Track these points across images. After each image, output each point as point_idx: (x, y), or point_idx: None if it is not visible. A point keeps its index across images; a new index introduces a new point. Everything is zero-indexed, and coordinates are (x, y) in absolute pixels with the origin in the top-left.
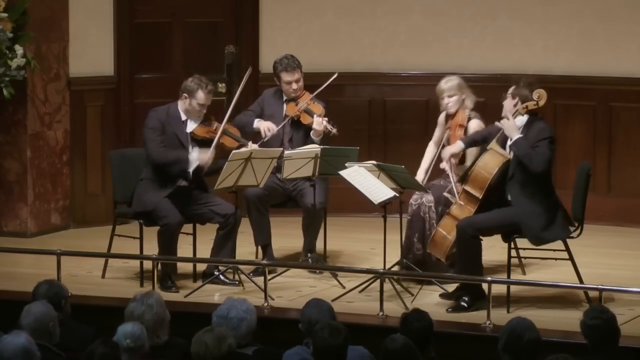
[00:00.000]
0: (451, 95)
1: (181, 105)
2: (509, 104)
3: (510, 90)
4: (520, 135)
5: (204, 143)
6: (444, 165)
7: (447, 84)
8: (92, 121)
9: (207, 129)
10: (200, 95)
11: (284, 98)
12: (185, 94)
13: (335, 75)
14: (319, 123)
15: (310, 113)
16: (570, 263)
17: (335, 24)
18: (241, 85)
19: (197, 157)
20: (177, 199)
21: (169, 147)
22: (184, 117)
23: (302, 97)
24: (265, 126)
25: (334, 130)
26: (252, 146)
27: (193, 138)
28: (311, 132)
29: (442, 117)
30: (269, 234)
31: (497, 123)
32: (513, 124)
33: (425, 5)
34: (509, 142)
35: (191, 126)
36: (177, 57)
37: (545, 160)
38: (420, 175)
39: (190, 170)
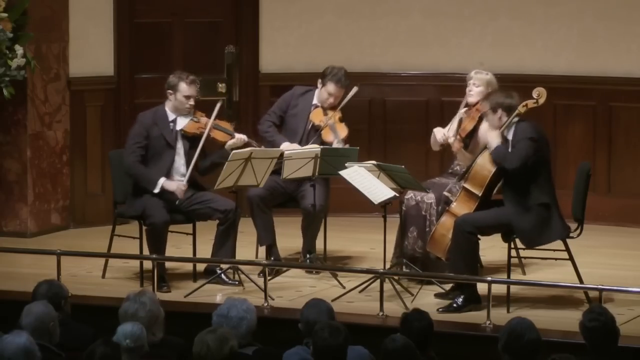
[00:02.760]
0: (477, 85)
1: (169, 104)
2: (493, 119)
3: (487, 106)
4: (499, 143)
5: (195, 139)
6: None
7: (478, 74)
8: (92, 121)
9: (197, 125)
10: (183, 86)
11: (314, 101)
12: (169, 91)
13: (355, 89)
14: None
15: (335, 132)
16: (570, 263)
17: (335, 24)
18: (214, 114)
19: (163, 183)
20: (170, 198)
21: (155, 150)
22: (172, 117)
23: (331, 110)
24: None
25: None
26: (239, 136)
27: (184, 135)
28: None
29: (461, 110)
30: (273, 233)
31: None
32: (493, 134)
33: (425, 5)
34: (489, 151)
35: (181, 123)
36: (177, 57)
37: (519, 157)
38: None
39: (155, 191)
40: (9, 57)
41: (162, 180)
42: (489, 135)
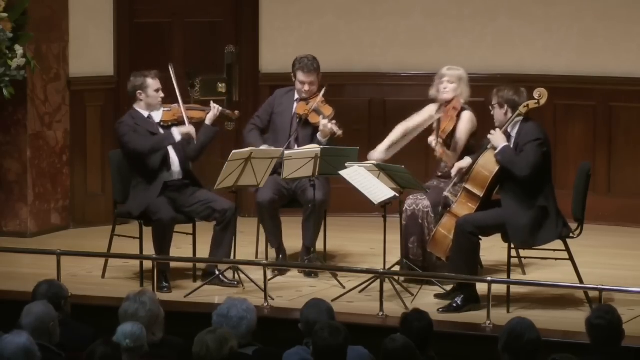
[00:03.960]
0: (451, 82)
1: (140, 105)
2: (499, 114)
3: (494, 100)
4: (506, 144)
5: (175, 126)
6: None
7: (450, 71)
8: (92, 121)
9: (172, 112)
10: (150, 82)
11: (296, 97)
12: (138, 91)
13: (324, 89)
14: (325, 125)
15: (319, 113)
16: (570, 263)
17: (335, 24)
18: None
19: (178, 130)
20: (171, 197)
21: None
22: (146, 114)
23: (313, 98)
24: None
25: (339, 132)
26: (213, 106)
27: (164, 126)
28: (318, 133)
29: (432, 107)
30: (281, 235)
31: (488, 136)
32: (499, 134)
33: (425, 5)
34: (495, 152)
35: (157, 117)
36: (177, 57)
37: (529, 164)
38: (379, 154)
39: (176, 139)
40: (9, 57)
41: (174, 130)
42: (494, 136)
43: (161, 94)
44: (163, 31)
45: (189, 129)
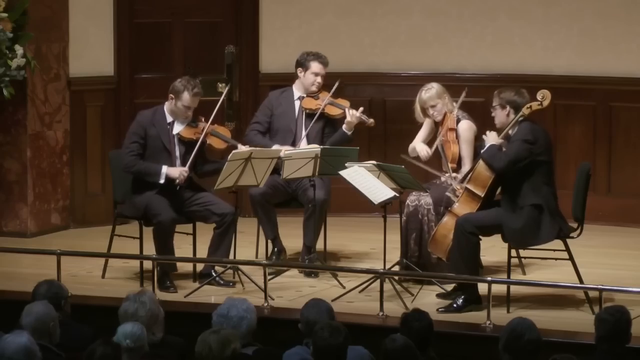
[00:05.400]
0: (434, 104)
1: (168, 106)
2: (501, 115)
3: (496, 102)
4: (493, 143)
5: (191, 145)
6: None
7: (427, 93)
8: (92, 121)
9: (194, 131)
10: (185, 96)
11: (297, 96)
12: (172, 95)
13: (337, 83)
14: (352, 115)
15: (338, 106)
16: (570, 263)
17: (335, 24)
18: (223, 94)
19: (166, 171)
20: (170, 197)
21: (152, 151)
22: (170, 119)
23: (321, 93)
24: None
25: (370, 121)
26: (241, 147)
27: (180, 140)
28: (344, 125)
29: (427, 120)
30: (276, 226)
31: (483, 136)
32: (493, 135)
33: (425, 5)
34: (482, 151)
35: (178, 128)
36: (177, 57)
37: (508, 157)
38: (423, 147)
39: (160, 181)
40: (9, 57)
41: (164, 169)
42: (488, 137)
43: (189, 113)
44: (163, 31)
45: (178, 174)
